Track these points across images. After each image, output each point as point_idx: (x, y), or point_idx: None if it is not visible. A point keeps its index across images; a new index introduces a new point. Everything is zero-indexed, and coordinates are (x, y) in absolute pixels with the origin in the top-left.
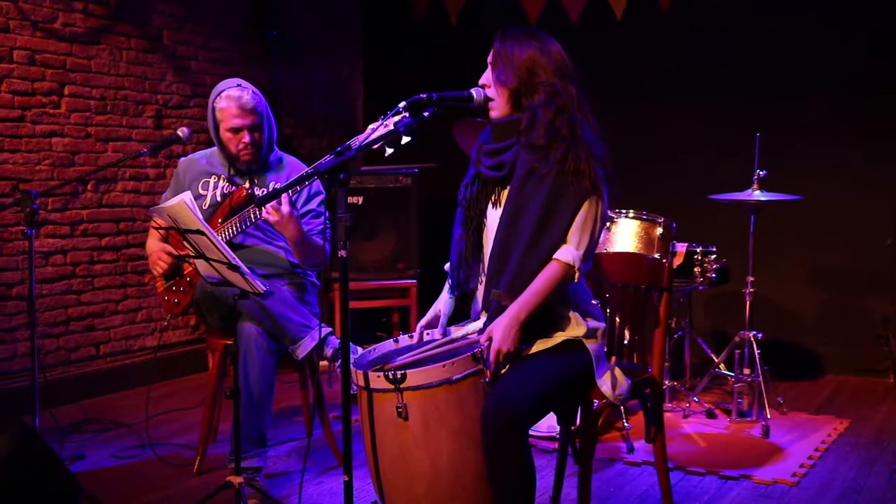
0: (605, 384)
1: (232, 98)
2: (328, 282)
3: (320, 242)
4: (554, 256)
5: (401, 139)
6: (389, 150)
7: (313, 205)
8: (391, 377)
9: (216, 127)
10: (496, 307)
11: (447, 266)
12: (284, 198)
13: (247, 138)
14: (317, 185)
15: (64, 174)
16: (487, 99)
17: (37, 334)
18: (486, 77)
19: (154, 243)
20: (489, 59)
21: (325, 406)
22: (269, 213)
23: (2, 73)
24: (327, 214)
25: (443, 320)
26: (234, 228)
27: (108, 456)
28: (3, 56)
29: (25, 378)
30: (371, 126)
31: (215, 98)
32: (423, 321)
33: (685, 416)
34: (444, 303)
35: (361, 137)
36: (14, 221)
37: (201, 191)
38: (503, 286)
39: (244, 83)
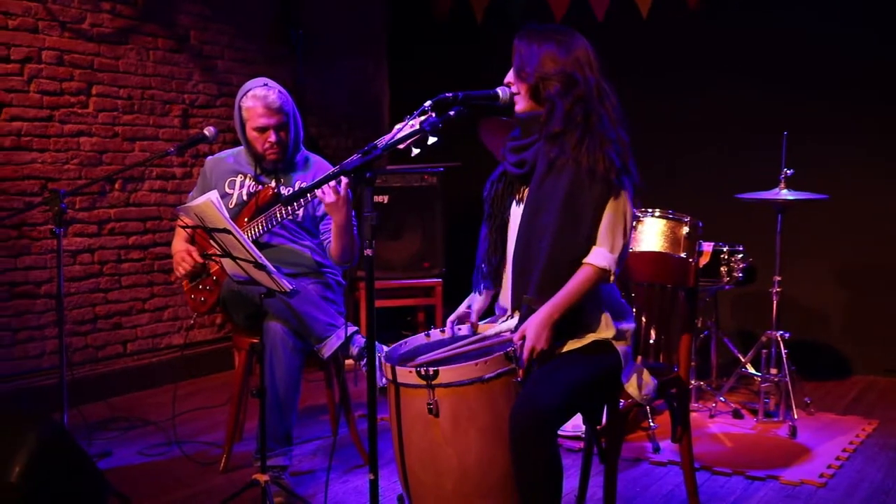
0: (631, 384)
1: (258, 97)
2: (354, 280)
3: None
4: (587, 261)
5: (427, 139)
6: (416, 151)
7: None
8: (423, 373)
9: (242, 126)
10: (527, 310)
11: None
12: (344, 179)
13: (272, 137)
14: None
15: (91, 173)
16: (513, 96)
17: (65, 332)
18: (510, 75)
19: (179, 243)
20: (513, 56)
21: (351, 405)
22: (326, 192)
23: (31, 74)
24: (353, 213)
25: (473, 317)
26: (261, 227)
27: (135, 453)
28: (32, 56)
29: (54, 376)
30: (397, 126)
31: (242, 97)
32: (454, 315)
33: (711, 416)
34: (475, 299)
35: (387, 137)
36: (42, 220)
37: (228, 189)
38: (532, 290)
39: (271, 83)
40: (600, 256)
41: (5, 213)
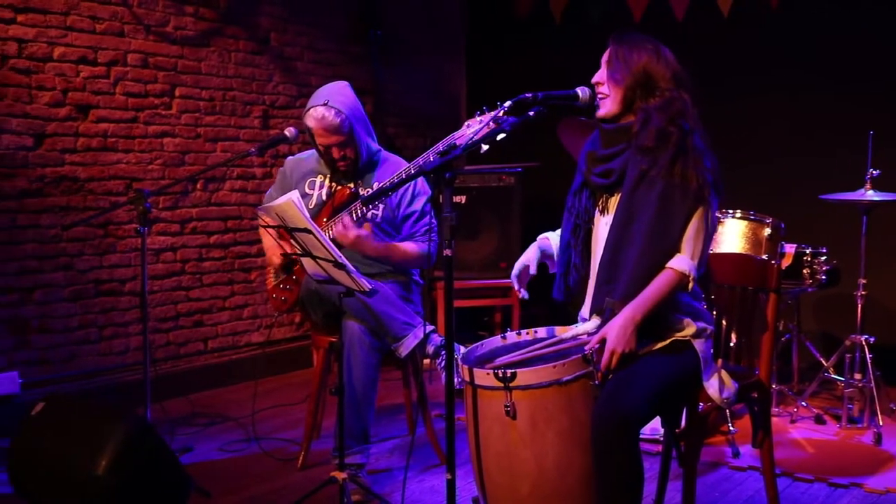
0: (711, 386)
1: (316, 119)
2: (431, 280)
3: (413, 250)
4: (669, 265)
5: (497, 136)
6: (485, 147)
7: (417, 205)
8: (500, 375)
9: (312, 137)
10: (610, 314)
11: (543, 236)
12: (349, 222)
13: (336, 154)
14: (421, 184)
15: (174, 173)
16: (594, 97)
17: (148, 329)
18: (601, 75)
19: (270, 239)
20: (604, 58)
21: (428, 404)
22: (339, 237)
23: (116, 76)
24: (433, 212)
25: (532, 269)
26: None
27: (215, 449)
28: (118, 59)
29: (137, 371)
30: (467, 122)
31: (305, 113)
32: (516, 271)
33: (792, 422)
34: (532, 252)
35: (464, 135)
36: (127, 220)
37: (307, 190)
38: (617, 295)
39: (333, 98)
40: (682, 262)
41: (92, 212)
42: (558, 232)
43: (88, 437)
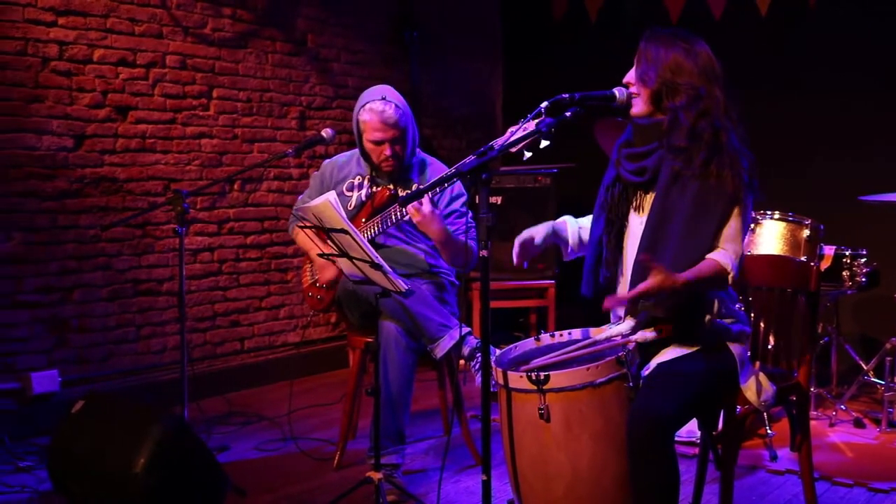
0: (749, 389)
1: (374, 112)
2: (467, 281)
3: (464, 242)
4: (710, 256)
5: (540, 142)
6: (528, 154)
7: (456, 206)
8: (534, 378)
9: (360, 136)
10: (645, 317)
11: (562, 219)
12: (426, 197)
13: (388, 151)
14: (459, 187)
15: (212, 174)
16: (630, 98)
17: (185, 329)
18: (630, 75)
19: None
20: (636, 57)
21: (463, 405)
22: (411, 212)
23: (155, 78)
24: (470, 214)
25: (538, 240)
26: (376, 228)
27: (251, 448)
28: (157, 61)
29: (174, 370)
30: (511, 129)
31: (359, 109)
32: (520, 238)
33: (831, 425)
34: (543, 227)
35: (503, 138)
36: (165, 220)
37: (346, 192)
38: (651, 298)
39: (389, 94)
40: (723, 256)
41: (131, 212)
42: (580, 220)
43: (127, 436)
